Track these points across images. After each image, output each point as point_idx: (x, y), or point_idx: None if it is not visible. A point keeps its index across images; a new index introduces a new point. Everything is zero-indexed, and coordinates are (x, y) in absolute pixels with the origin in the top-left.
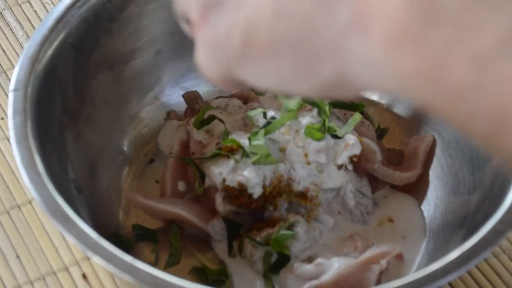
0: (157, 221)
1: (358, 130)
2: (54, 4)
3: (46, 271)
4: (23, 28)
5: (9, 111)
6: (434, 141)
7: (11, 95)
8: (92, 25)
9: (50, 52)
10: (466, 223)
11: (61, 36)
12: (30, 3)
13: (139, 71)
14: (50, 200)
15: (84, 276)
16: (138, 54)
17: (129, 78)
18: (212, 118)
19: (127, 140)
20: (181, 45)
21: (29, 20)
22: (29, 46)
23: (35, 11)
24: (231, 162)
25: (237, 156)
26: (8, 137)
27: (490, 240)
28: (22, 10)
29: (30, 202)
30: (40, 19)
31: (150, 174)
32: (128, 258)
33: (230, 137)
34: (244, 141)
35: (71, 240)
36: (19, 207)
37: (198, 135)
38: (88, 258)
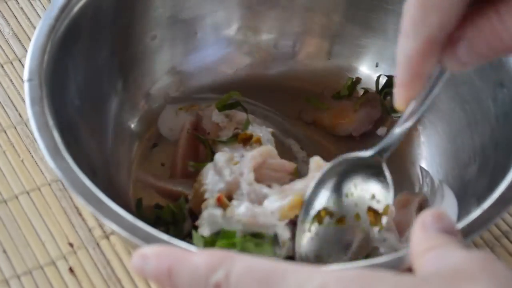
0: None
1: None
2: (40, 2)
3: (33, 265)
4: (9, 25)
5: (27, 100)
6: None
7: (26, 85)
8: (94, 13)
9: (56, 40)
10: (469, 187)
11: (66, 23)
12: (16, 0)
13: (138, 57)
14: (79, 184)
15: (71, 270)
16: (137, 40)
17: (129, 64)
18: (237, 104)
19: (131, 125)
20: (178, 30)
21: (15, 17)
22: (38, 36)
23: (21, 8)
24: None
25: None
26: None
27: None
28: (9, 7)
29: (16, 197)
30: (27, 16)
31: (155, 158)
32: (152, 230)
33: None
34: (261, 134)
35: (105, 222)
36: (5, 202)
37: (217, 116)
38: (75, 252)
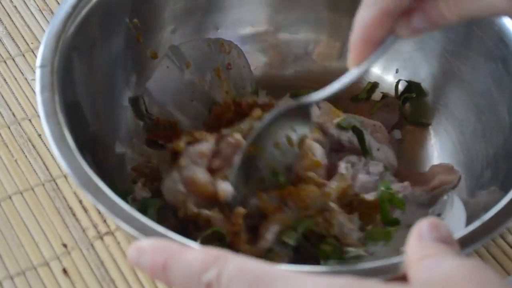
0: None
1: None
2: (34, 0)
3: (26, 266)
4: (3, 24)
5: (37, 86)
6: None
7: (38, 71)
8: (111, 3)
9: (72, 30)
10: (480, 198)
11: (83, 13)
12: None
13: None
14: (81, 173)
15: (64, 270)
16: (154, 33)
17: (145, 58)
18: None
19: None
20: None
21: (9, 15)
22: (53, 24)
23: (15, 6)
24: None
25: None
26: None
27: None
28: (2, 5)
29: (10, 197)
30: (21, 15)
31: None
32: (160, 228)
33: None
34: None
35: (104, 211)
36: None
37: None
38: (69, 253)
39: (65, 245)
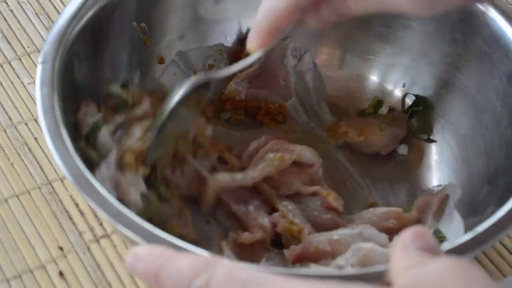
0: None
1: None
2: (31, 5)
3: (22, 269)
4: (0, 28)
5: (37, 82)
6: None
7: (39, 67)
8: (117, 5)
9: (77, 29)
10: (478, 213)
11: (90, 13)
12: (6, 3)
13: (160, 52)
14: (75, 170)
15: (61, 274)
16: (162, 38)
17: (148, 59)
18: None
19: None
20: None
21: (5, 20)
22: (58, 22)
23: (11, 10)
24: None
25: None
26: None
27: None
28: None
29: (6, 201)
30: (17, 19)
31: None
32: (148, 226)
33: None
34: None
35: (96, 208)
36: None
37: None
38: (65, 256)
39: (61, 248)
